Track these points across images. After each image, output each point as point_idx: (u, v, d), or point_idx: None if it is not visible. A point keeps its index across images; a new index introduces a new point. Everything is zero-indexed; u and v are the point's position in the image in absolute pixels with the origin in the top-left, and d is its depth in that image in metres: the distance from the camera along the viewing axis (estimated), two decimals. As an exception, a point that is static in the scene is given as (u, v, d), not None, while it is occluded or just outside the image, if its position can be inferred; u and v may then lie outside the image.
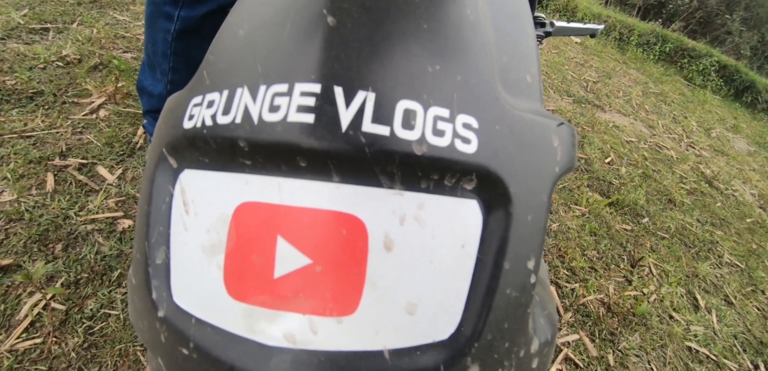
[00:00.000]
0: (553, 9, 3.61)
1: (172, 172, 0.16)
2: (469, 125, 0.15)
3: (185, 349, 0.14)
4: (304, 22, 0.16)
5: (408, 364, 0.14)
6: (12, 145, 0.93)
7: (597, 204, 1.44)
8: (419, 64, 0.15)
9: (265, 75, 0.15)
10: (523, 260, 0.15)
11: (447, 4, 0.17)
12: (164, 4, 0.73)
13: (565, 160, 0.17)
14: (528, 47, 0.21)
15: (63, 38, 1.41)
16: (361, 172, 0.14)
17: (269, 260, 0.14)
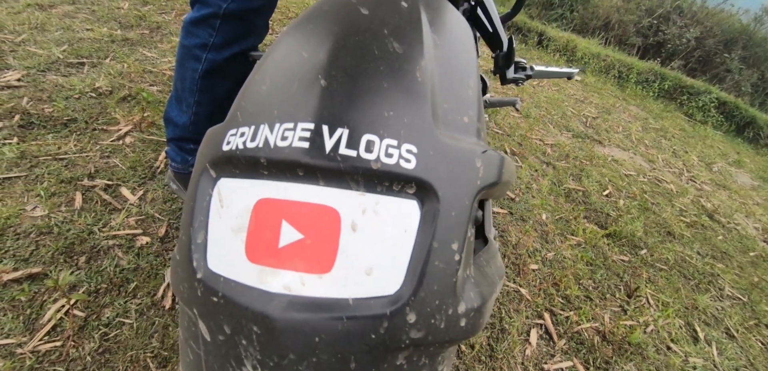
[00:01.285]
0: (553, 49, 3.77)
1: (212, 180, 0.24)
2: (411, 150, 0.21)
3: (215, 298, 0.21)
4: (306, 82, 0.24)
5: (365, 308, 0.20)
6: (46, 166, 1.03)
7: (593, 234, 1.47)
8: (379, 111, 0.22)
9: (279, 117, 0.23)
10: (448, 243, 0.21)
11: (402, 72, 0.25)
12: (194, 48, 0.83)
13: (487, 176, 0.24)
14: (468, 98, 0.28)
15: (97, 71, 1.56)
16: (337, 179, 0.21)
17: (276, 236, 0.20)
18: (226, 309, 0.20)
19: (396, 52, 0.25)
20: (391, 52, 0.25)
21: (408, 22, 0.28)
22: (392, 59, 0.25)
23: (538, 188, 1.63)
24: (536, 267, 1.21)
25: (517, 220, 1.38)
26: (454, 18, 0.35)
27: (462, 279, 0.22)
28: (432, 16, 0.31)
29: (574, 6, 4.61)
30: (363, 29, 0.27)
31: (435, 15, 0.32)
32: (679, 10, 4.60)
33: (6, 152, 1.04)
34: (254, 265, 0.20)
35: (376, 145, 0.21)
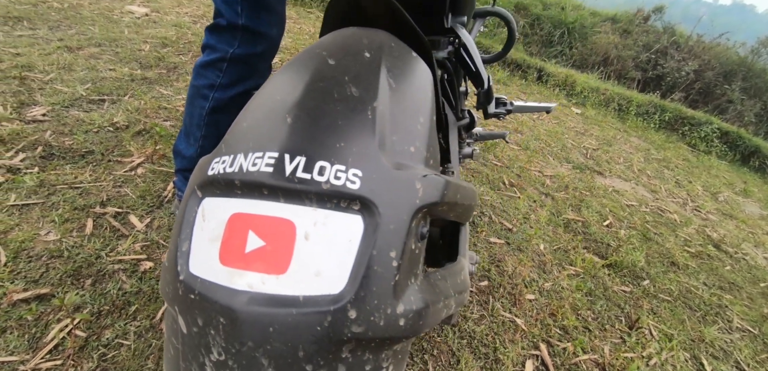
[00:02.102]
0: (553, 84, 3.87)
1: (198, 199, 0.28)
2: (356, 174, 0.26)
3: (193, 295, 0.25)
4: (276, 119, 0.29)
5: (312, 304, 0.23)
6: (62, 194, 1.09)
7: (593, 265, 1.47)
8: (332, 142, 0.27)
9: (252, 148, 0.27)
10: (387, 251, 0.25)
11: (356, 111, 0.29)
12: (203, 88, 0.91)
13: (427, 196, 0.28)
14: (417, 132, 0.32)
15: (116, 107, 1.67)
16: (294, 197, 0.25)
17: (243, 243, 0.24)
18: (201, 304, 0.24)
19: (353, 95, 0.31)
20: (348, 95, 0.30)
21: (368, 70, 0.34)
22: (349, 101, 0.30)
23: (536, 219, 1.64)
24: (533, 297, 1.21)
25: (513, 251, 1.39)
26: (414, 65, 0.40)
27: (402, 284, 0.26)
28: (392, 64, 0.36)
29: (573, 43, 4.76)
30: (328, 77, 0.32)
31: (396, 63, 0.37)
32: (676, 45, 4.71)
33: (27, 180, 1.11)
34: (225, 267, 0.24)
35: (327, 170, 0.25)
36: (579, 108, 3.61)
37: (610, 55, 4.62)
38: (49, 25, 2.30)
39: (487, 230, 1.46)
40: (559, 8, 4.74)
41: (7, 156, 1.21)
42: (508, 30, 1.32)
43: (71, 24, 2.42)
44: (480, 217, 1.52)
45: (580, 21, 4.75)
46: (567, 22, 4.70)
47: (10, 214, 0.99)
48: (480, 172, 1.88)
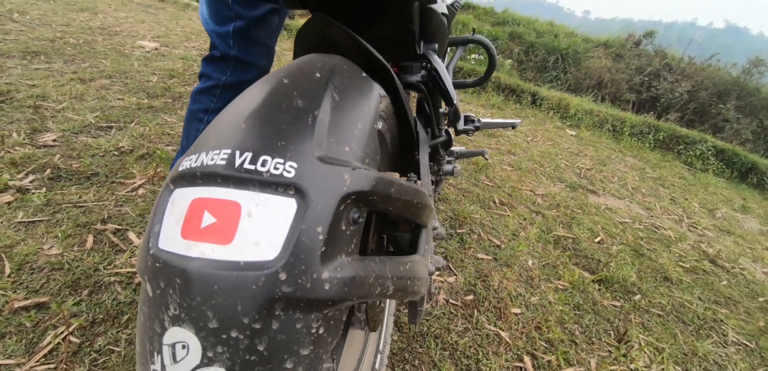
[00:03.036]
0: (547, 107, 3.96)
1: (170, 191, 0.34)
2: (292, 166, 0.31)
3: (158, 264, 0.30)
4: (233, 125, 0.35)
5: (250, 268, 0.28)
6: (67, 212, 1.16)
7: (582, 280, 1.48)
8: (274, 142, 0.33)
9: (213, 147, 0.33)
10: (314, 227, 0.30)
11: (299, 118, 0.36)
12: (198, 112, 0.99)
13: (354, 185, 0.33)
14: (353, 137, 0.38)
15: (122, 134, 1.76)
16: (241, 184, 0.31)
17: (200, 221, 0.30)
18: (163, 270, 0.29)
19: (298, 106, 0.37)
20: (294, 106, 0.37)
21: (315, 86, 0.40)
22: (294, 110, 0.36)
23: (525, 236, 1.67)
24: (519, 311, 1.22)
25: (501, 266, 1.41)
26: (360, 83, 0.46)
27: (328, 255, 0.31)
28: (340, 82, 0.43)
29: (567, 68, 4.90)
30: (280, 92, 0.39)
31: (343, 81, 0.43)
32: (668, 67, 4.82)
33: (35, 199, 1.18)
34: (184, 240, 0.30)
35: (268, 162, 0.31)
36: (573, 130, 3.67)
37: (604, 79, 4.73)
38: (64, 59, 2.46)
39: (476, 246, 1.49)
40: (552, 35, 4.90)
41: (18, 177, 1.28)
42: (489, 56, 1.41)
43: (85, 58, 2.58)
44: (469, 235, 1.56)
45: (573, 47, 4.90)
46: (560, 48, 4.85)
47: (17, 230, 1.06)
48: (471, 192, 1.92)
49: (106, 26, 3.52)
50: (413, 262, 0.47)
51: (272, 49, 0.98)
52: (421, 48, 0.86)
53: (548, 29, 5.15)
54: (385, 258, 0.40)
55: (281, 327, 0.29)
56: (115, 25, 3.61)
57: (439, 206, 1.71)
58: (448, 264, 1.35)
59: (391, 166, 0.81)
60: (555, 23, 5.51)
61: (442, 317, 1.11)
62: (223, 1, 0.87)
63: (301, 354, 0.30)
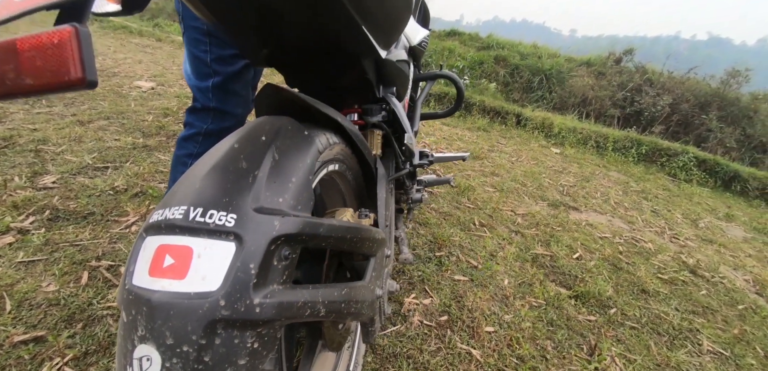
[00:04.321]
0: (532, 127, 4.09)
1: (143, 238, 0.42)
2: (233, 217, 0.40)
3: (131, 296, 0.38)
4: (191, 186, 0.44)
5: (198, 297, 0.36)
6: (64, 251, 1.24)
7: (558, 296, 1.54)
8: (220, 199, 0.42)
9: (175, 204, 0.42)
10: (248, 264, 0.38)
11: (241, 178, 0.44)
12: (183, 156, 1.09)
13: (282, 229, 0.42)
14: (288, 189, 0.47)
15: (118, 173, 1.86)
16: (194, 232, 0.40)
17: (162, 262, 0.38)
18: (134, 301, 0.38)
19: (242, 168, 0.46)
20: (239, 167, 0.46)
21: (259, 149, 0.49)
22: (238, 171, 0.46)
23: (503, 255, 1.74)
24: (492, 329, 1.28)
25: (476, 286, 1.48)
26: (299, 141, 0.55)
27: (259, 285, 0.39)
28: (281, 142, 0.52)
29: (552, 87, 5.06)
30: (230, 156, 0.48)
31: (285, 141, 0.53)
32: (650, 82, 4.99)
33: (34, 239, 1.27)
34: (150, 277, 0.38)
35: (214, 215, 0.40)
36: (558, 147, 3.78)
37: (588, 96, 4.89)
38: (64, 102, 2.59)
39: (454, 268, 1.56)
40: (536, 57, 5.09)
41: (19, 219, 1.37)
42: (457, 89, 1.52)
43: (84, 100, 2.71)
44: (448, 257, 1.62)
45: (556, 67, 5.09)
46: (544, 69, 5.03)
47: (17, 269, 1.14)
48: (452, 215, 2.00)
49: (105, 68, 3.69)
50: (351, 288, 0.55)
51: (248, 99, 1.08)
52: (381, 92, 0.96)
53: (532, 51, 5.35)
54: (320, 285, 0.49)
55: (222, 342, 0.37)
56: (114, 67, 3.78)
57: (418, 230, 1.79)
58: (425, 287, 1.41)
59: (356, 200, 0.90)
60: (538, 45, 5.73)
61: (415, 338, 1.17)
62: (202, 60, 0.98)
63: (239, 364, 0.39)
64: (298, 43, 0.75)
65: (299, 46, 0.76)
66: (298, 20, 0.66)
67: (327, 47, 0.77)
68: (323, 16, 0.64)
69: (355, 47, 0.76)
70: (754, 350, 1.55)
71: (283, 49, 0.77)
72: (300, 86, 1.00)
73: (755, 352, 1.55)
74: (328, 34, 0.72)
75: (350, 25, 0.67)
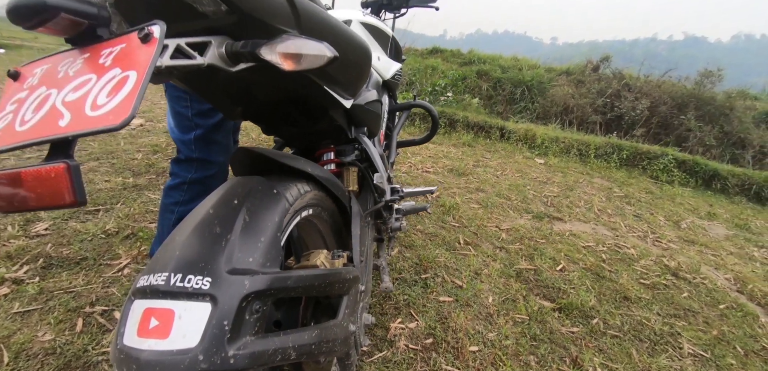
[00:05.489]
0: (515, 139, 4.20)
1: (131, 301, 0.48)
2: (208, 280, 0.46)
3: (122, 355, 0.43)
4: (172, 253, 0.50)
5: (180, 353, 0.41)
6: (58, 299, 1.28)
7: (541, 310, 1.58)
8: (197, 264, 0.48)
9: (158, 270, 0.48)
10: (222, 321, 0.44)
11: (215, 242, 0.50)
12: (169, 205, 1.14)
13: (252, 286, 0.47)
14: (257, 249, 0.53)
15: (108, 216, 1.89)
16: (175, 296, 0.45)
17: (148, 323, 0.44)
18: (125, 359, 0.43)
19: (216, 232, 0.52)
20: (213, 232, 0.52)
21: (231, 213, 0.55)
22: (213, 236, 0.52)
23: (488, 273, 1.79)
24: (476, 348, 1.32)
25: (461, 306, 1.52)
26: (268, 202, 0.61)
27: (233, 338, 0.45)
28: (252, 204, 0.58)
29: (534, 98, 5.21)
30: (206, 221, 0.54)
31: (255, 202, 0.58)
32: (628, 87, 5.16)
33: (29, 289, 1.30)
34: (138, 338, 0.44)
35: (192, 280, 0.46)
36: (542, 158, 3.88)
37: (569, 105, 5.03)
38: (54, 150, 2.62)
39: (439, 290, 1.60)
40: (517, 69, 5.25)
41: (13, 269, 1.40)
42: (431, 117, 1.60)
43: (74, 146, 2.75)
44: (433, 279, 1.67)
45: (537, 78, 5.25)
46: (525, 80, 5.19)
47: (13, 321, 1.17)
48: (438, 235, 2.05)
49: (96, 110, 3.73)
50: (323, 329, 0.61)
51: (229, 145, 1.14)
52: (353, 132, 1.03)
53: (512, 64, 5.52)
54: (290, 331, 0.54)
55: None
56: (104, 108, 3.83)
57: (405, 253, 1.83)
58: (411, 311, 1.45)
59: (334, 236, 0.95)
60: (519, 57, 5.92)
61: (401, 363, 1.21)
62: (184, 114, 1.04)
63: None
64: (269, 101, 0.81)
65: (270, 103, 0.82)
66: (266, 88, 0.73)
67: (296, 103, 0.84)
68: (289, 84, 0.71)
69: (321, 102, 0.83)
70: (733, 349, 1.60)
71: (255, 107, 0.84)
72: (276, 134, 1.07)
73: (735, 351, 1.60)
74: (296, 95, 0.79)
75: (314, 87, 0.74)
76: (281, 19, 0.57)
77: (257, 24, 0.55)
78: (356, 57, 0.79)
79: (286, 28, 0.58)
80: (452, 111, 4.33)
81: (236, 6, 0.50)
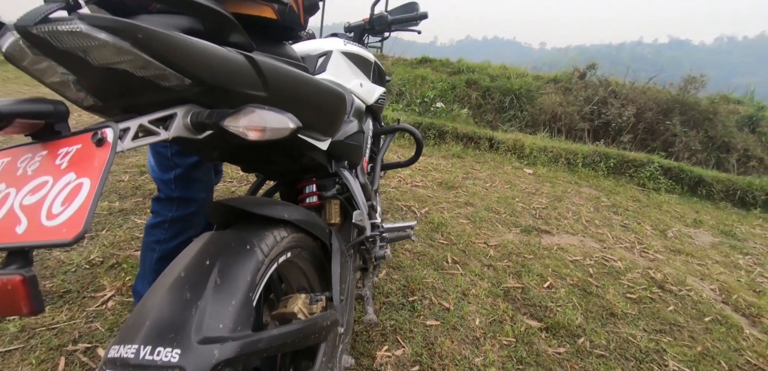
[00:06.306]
0: (504, 149, 4.23)
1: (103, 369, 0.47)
2: (177, 352, 0.46)
3: None
4: (142, 323, 0.50)
5: None
6: (40, 337, 1.26)
7: (528, 331, 1.59)
8: (166, 335, 0.47)
9: (127, 342, 0.48)
10: None
11: (184, 309, 0.50)
12: (151, 243, 1.13)
13: (222, 355, 0.47)
14: (228, 313, 0.52)
15: (93, 244, 1.86)
16: (143, 369, 0.45)
17: None
18: None
19: (186, 299, 0.51)
20: (184, 299, 0.52)
21: (201, 276, 0.55)
22: (183, 302, 0.52)
23: (475, 293, 1.79)
24: (462, 375, 1.32)
25: (448, 330, 1.52)
26: (243, 258, 0.61)
27: None
28: (223, 263, 0.57)
29: (523, 106, 5.27)
30: (176, 287, 0.54)
31: (227, 261, 0.58)
32: (614, 93, 5.24)
33: (10, 327, 1.28)
34: None
35: (161, 352, 0.46)
36: (530, 168, 3.92)
37: (557, 113, 5.10)
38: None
39: (426, 313, 1.60)
40: (505, 78, 5.31)
41: (-11, 312, 1.37)
42: (415, 140, 1.61)
43: (59, 169, 2.71)
44: (420, 301, 1.67)
45: (525, 86, 5.31)
46: (514, 89, 5.25)
47: (-9, 364, 1.14)
48: (426, 254, 2.06)
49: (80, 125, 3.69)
50: None
51: (211, 181, 1.14)
52: (333, 166, 1.03)
53: (501, 72, 5.59)
54: None
55: None
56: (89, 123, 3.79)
57: (392, 275, 1.83)
58: (397, 337, 1.45)
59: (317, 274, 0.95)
60: (507, 66, 5.99)
61: (387, 397, 1.20)
62: (163, 154, 1.04)
63: None
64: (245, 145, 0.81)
65: (246, 146, 0.82)
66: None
67: (272, 146, 0.84)
68: None
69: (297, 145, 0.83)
70: (718, 365, 1.62)
71: (233, 150, 0.84)
72: (256, 171, 1.06)
73: (719, 366, 1.62)
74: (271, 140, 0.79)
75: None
76: (248, 85, 0.57)
77: (223, 92, 0.55)
78: (329, 105, 0.79)
79: (254, 91, 0.58)
80: (442, 122, 4.36)
81: (200, 79, 0.51)
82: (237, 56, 0.54)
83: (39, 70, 0.47)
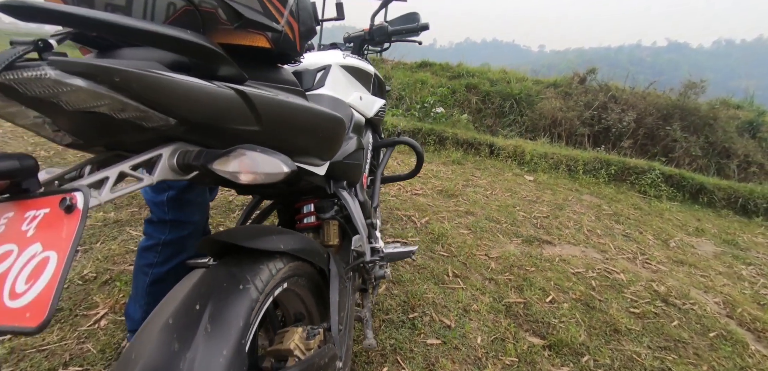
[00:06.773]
0: (504, 156, 4.20)
1: None
2: None
3: None
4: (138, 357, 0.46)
5: None
6: (31, 359, 1.22)
7: (531, 349, 1.56)
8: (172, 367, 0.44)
9: None
10: None
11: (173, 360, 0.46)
12: (143, 266, 1.09)
13: None
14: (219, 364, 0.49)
15: (87, 257, 1.81)
16: None
17: None
18: None
19: (175, 350, 0.48)
20: (171, 350, 0.49)
21: (192, 322, 0.51)
22: (171, 353, 0.48)
23: (477, 308, 1.76)
24: (465, 399, 1.29)
25: (449, 350, 1.49)
26: (235, 299, 0.57)
27: None
28: (215, 305, 0.54)
29: (523, 111, 5.24)
30: (163, 337, 0.50)
31: (218, 303, 0.55)
32: (614, 99, 5.22)
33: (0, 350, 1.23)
34: None
35: None
36: (531, 175, 3.89)
37: (557, 118, 5.07)
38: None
39: (427, 331, 1.57)
40: (505, 82, 5.29)
41: (-24, 335, 1.32)
42: (416, 153, 1.58)
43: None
44: (421, 318, 1.63)
45: (525, 91, 5.28)
46: (514, 93, 5.22)
47: (-24, 392, 1.10)
48: (426, 268, 2.02)
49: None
50: None
51: (205, 203, 1.10)
52: (332, 187, 1.00)
53: (501, 77, 5.56)
54: None
55: None
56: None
57: (392, 290, 1.79)
58: (397, 358, 1.41)
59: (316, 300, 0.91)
60: (507, 70, 5.96)
61: (387, 425, 1.16)
62: (155, 176, 1.00)
63: None
64: None
65: None
66: None
67: None
68: None
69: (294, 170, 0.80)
70: (724, 384, 1.59)
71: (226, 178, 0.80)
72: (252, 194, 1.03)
73: (725, 387, 1.58)
74: None
75: None
76: (240, 121, 0.53)
77: (213, 129, 0.51)
78: (327, 131, 0.76)
79: (246, 127, 0.55)
80: (441, 128, 4.32)
81: (186, 119, 0.47)
82: (227, 91, 0.51)
83: (10, 113, 0.43)
